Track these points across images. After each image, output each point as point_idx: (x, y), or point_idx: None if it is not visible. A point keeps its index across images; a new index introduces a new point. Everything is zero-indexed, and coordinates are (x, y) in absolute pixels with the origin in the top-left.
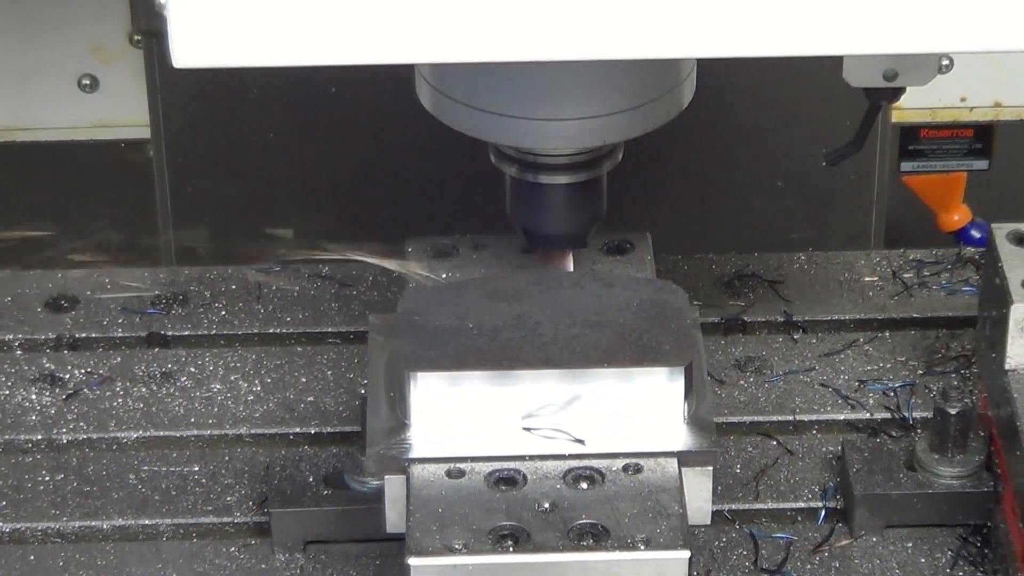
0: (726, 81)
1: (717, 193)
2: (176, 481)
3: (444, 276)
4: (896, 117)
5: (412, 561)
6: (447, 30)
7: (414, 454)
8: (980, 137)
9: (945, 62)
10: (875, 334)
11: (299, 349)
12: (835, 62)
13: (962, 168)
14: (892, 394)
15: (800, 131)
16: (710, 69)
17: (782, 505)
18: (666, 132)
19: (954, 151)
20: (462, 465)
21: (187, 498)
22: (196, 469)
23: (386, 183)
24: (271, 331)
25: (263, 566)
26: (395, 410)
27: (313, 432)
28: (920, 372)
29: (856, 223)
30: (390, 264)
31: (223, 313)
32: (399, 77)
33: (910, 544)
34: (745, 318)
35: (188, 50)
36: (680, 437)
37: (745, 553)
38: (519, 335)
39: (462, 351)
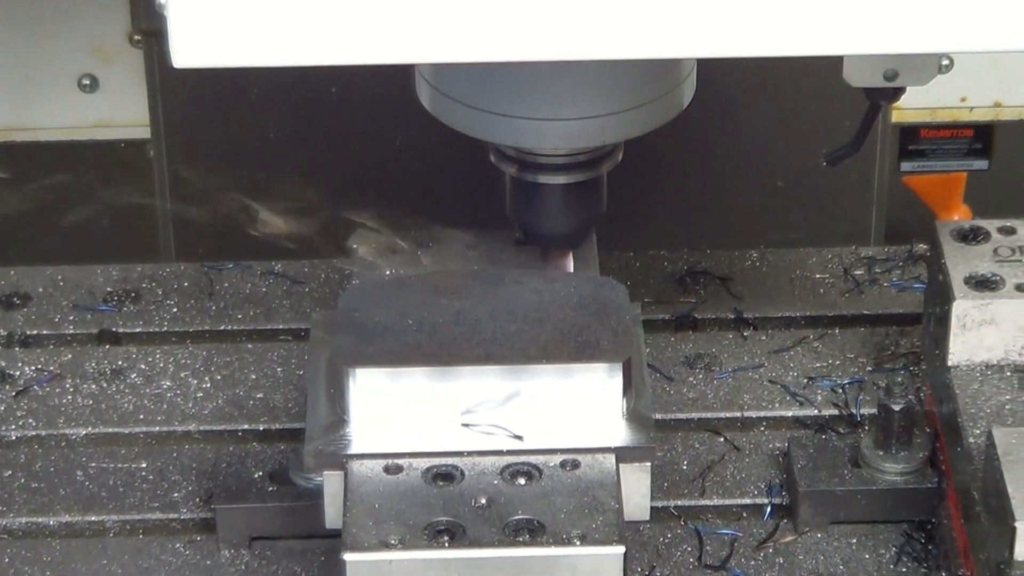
0: (726, 81)
1: (717, 193)
2: (123, 478)
3: (387, 273)
4: (896, 117)
5: (347, 557)
6: (447, 30)
7: (352, 450)
8: (980, 137)
9: (945, 62)
10: (825, 331)
11: (249, 346)
12: (835, 62)
13: (962, 168)
14: (840, 391)
15: (800, 131)
16: (710, 69)
17: (728, 501)
18: (666, 132)
19: (954, 151)
20: (400, 461)
21: (134, 495)
22: (144, 466)
23: (386, 183)
24: (222, 328)
25: (208, 562)
26: (335, 406)
27: (261, 429)
28: (869, 369)
29: (856, 223)
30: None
31: (175, 310)
32: (399, 77)
33: (854, 540)
34: (696, 315)
35: (188, 50)
36: (618, 433)
37: (690, 549)
38: (459, 331)
39: (401, 347)
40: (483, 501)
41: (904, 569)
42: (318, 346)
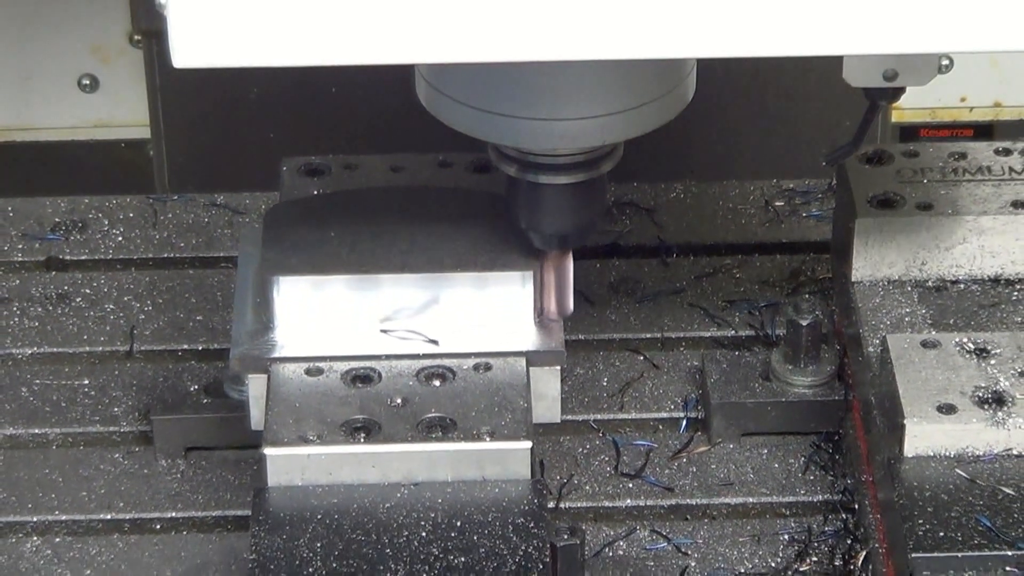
0: (726, 81)
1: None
2: (66, 394)
3: (314, 192)
4: (896, 117)
5: (267, 451)
6: (447, 30)
7: (276, 354)
8: (980, 137)
9: (945, 62)
10: (744, 258)
11: (191, 272)
12: (835, 62)
13: None
14: (757, 313)
15: (800, 131)
16: (710, 69)
17: (645, 415)
18: (666, 132)
19: None
20: (321, 364)
21: (76, 409)
22: (86, 383)
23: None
24: (165, 256)
25: (145, 471)
26: (260, 315)
27: (200, 348)
28: (786, 294)
29: None
30: None
31: (120, 239)
32: (399, 77)
33: (765, 451)
34: (620, 243)
35: (188, 50)
36: (529, 338)
37: (607, 459)
38: (379, 243)
39: (324, 258)
40: (399, 401)
41: (812, 477)
42: (246, 259)
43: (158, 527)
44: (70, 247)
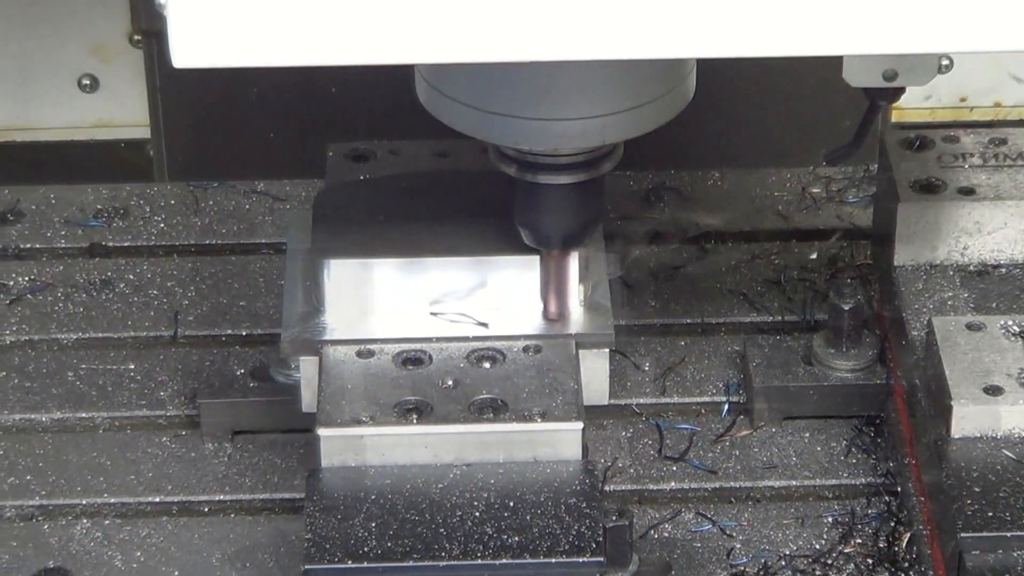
0: (726, 80)
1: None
2: (112, 378)
3: (361, 177)
4: (896, 117)
5: (321, 432)
6: (447, 30)
7: (327, 337)
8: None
9: (945, 62)
10: (782, 244)
11: (233, 259)
12: (835, 62)
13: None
14: (796, 299)
15: (800, 131)
16: (710, 69)
17: (687, 400)
18: (665, 132)
19: None
20: (372, 346)
21: (122, 394)
22: (132, 367)
23: None
24: (207, 242)
25: (192, 454)
26: (310, 299)
27: (244, 333)
28: (824, 279)
29: None
30: None
31: (162, 226)
32: (399, 77)
33: (807, 434)
34: (659, 230)
35: (188, 50)
36: (578, 321)
37: (651, 443)
38: (428, 226)
39: (373, 241)
40: (450, 382)
41: (854, 460)
42: (294, 244)
43: (206, 510)
44: (112, 234)
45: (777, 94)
